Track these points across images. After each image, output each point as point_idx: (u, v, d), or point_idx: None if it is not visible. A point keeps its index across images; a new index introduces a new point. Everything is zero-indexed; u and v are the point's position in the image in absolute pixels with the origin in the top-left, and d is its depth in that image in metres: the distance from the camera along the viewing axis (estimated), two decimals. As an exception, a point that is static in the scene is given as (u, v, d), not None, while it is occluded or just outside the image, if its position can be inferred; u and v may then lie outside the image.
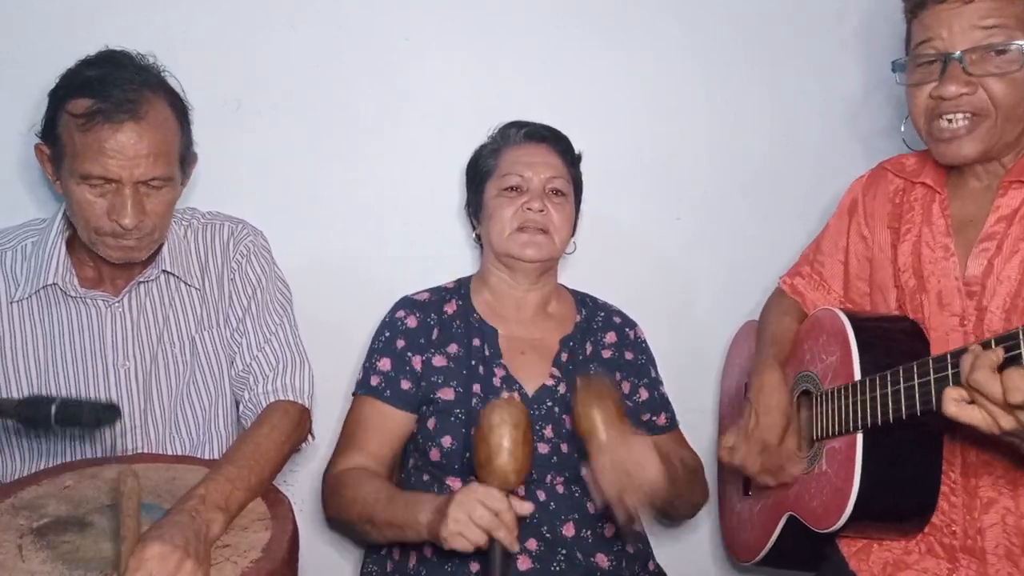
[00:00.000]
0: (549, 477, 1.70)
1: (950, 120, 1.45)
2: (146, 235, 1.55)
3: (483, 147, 1.89)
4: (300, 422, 1.60)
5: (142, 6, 1.83)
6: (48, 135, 1.54)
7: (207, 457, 1.64)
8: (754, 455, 1.61)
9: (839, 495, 1.49)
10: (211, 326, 1.67)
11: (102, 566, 1.23)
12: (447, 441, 1.68)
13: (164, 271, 1.64)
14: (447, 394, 1.72)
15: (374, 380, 1.74)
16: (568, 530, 1.68)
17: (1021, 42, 1.39)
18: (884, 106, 2.09)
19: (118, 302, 1.62)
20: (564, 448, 1.70)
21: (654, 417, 1.86)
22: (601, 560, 1.69)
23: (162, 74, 1.58)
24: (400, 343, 1.76)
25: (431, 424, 1.70)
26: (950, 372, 1.29)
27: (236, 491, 1.37)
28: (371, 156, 1.97)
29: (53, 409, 1.33)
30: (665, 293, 2.12)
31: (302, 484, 1.96)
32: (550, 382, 1.76)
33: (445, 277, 1.92)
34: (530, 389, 1.75)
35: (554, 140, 1.86)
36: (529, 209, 1.76)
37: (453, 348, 1.77)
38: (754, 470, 1.62)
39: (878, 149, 1.97)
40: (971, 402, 1.22)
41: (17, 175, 1.81)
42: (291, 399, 1.62)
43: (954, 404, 1.23)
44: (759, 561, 1.77)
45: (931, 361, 1.33)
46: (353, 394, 1.79)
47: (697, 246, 2.13)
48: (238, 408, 1.69)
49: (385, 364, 1.75)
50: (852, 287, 1.73)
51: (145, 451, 1.61)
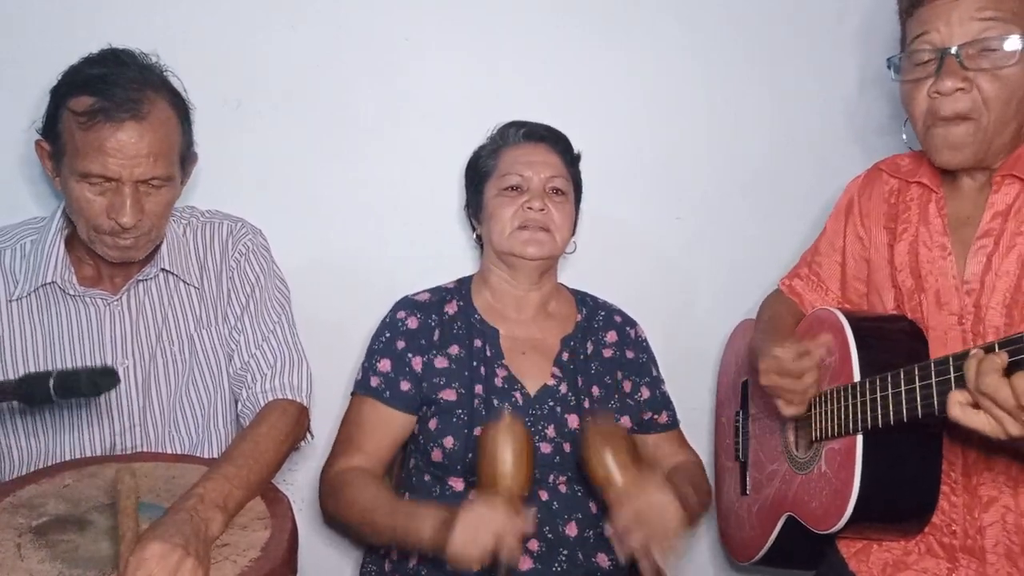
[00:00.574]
0: (552, 477, 1.70)
1: (946, 127, 1.45)
2: (144, 234, 1.55)
3: (482, 148, 1.89)
4: (298, 421, 1.60)
5: (142, 6, 1.83)
6: (49, 132, 1.54)
7: (206, 456, 1.64)
8: (787, 401, 1.57)
9: (839, 497, 1.49)
10: (210, 324, 1.67)
11: (101, 565, 1.23)
12: (449, 442, 1.68)
13: (163, 269, 1.64)
14: (449, 395, 1.71)
15: (374, 381, 1.74)
16: (570, 530, 1.68)
17: (1016, 36, 1.39)
18: (883, 104, 2.09)
19: (117, 300, 1.61)
20: (567, 448, 1.71)
21: (655, 416, 1.86)
22: (602, 560, 1.68)
23: (164, 74, 1.58)
24: (400, 344, 1.76)
25: (433, 425, 1.70)
26: (952, 376, 1.29)
27: (235, 490, 1.37)
28: (371, 156, 1.97)
29: (51, 383, 1.32)
30: (665, 293, 2.12)
31: (301, 483, 1.96)
32: (552, 382, 1.76)
33: (445, 277, 1.92)
34: (532, 389, 1.75)
35: (553, 140, 1.86)
36: (530, 208, 1.76)
37: (454, 349, 1.76)
38: (790, 357, 1.55)
39: (876, 149, 1.97)
40: (976, 406, 1.21)
41: (17, 173, 1.80)
42: (289, 397, 1.62)
43: (959, 408, 1.23)
44: (757, 561, 1.77)
45: (932, 364, 1.33)
46: (352, 394, 1.78)
47: (697, 246, 2.13)
48: (237, 407, 1.68)
49: (385, 365, 1.75)
50: (849, 288, 1.73)
51: (144, 450, 1.61)
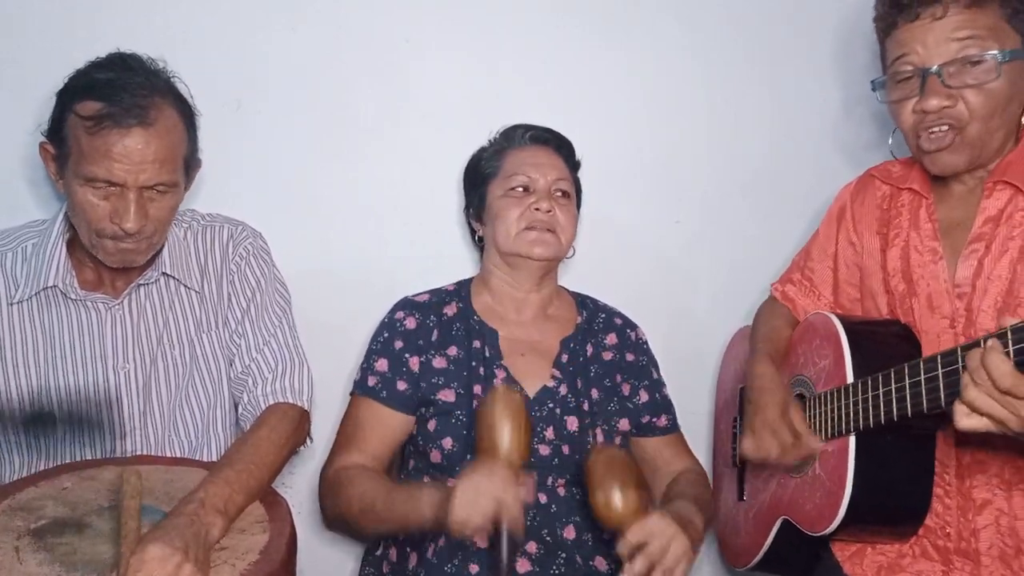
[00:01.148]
0: (550, 479, 1.70)
1: (934, 133, 1.46)
2: (146, 239, 1.55)
3: (483, 149, 1.89)
4: (299, 424, 1.61)
5: (142, 6, 1.83)
6: (54, 135, 1.53)
7: (206, 459, 1.65)
8: (768, 440, 1.57)
9: (832, 498, 1.50)
10: (210, 328, 1.67)
11: (100, 568, 1.23)
12: (448, 443, 1.68)
13: (164, 273, 1.64)
14: (448, 396, 1.72)
15: (371, 381, 1.74)
16: (568, 533, 1.68)
17: (995, 52, 1.40)
18: (884, 105, 2.07)
19: (118, 304, 1.62)
20: (565, 450, 1.71)
21: (654, 419, 1.86)
22: (600, 563, 1.69)
23: (171, 79, 1.58)
24: (398, 344, 1.76)
25: (432, 426, 1.71)
26: (940, 371, 1.30)
27: (235, 495, 1.38)
28: (371, 156, 1.97)
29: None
30: (665, 294, 2.12)
31: (300, 486, 1.96)
32: (551, 383, 1.76)
33: (445, 278, 1.92)
34: (531, 390, 1.74)
35: (558, 144, 1.87)
36: (537, 209, 1.76)
37: (453, 350, 1.77)
38: (776, 454, 1.57)
39: (876, 150, 1.96)
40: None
41: (19, 175, 1.81)
42: (290, 401, 1.62)
43: (965, 418, 1.23)
44: (754, 566, 1.77)
45: (922, 363, 1.35)
46: (351, 394, 1.78)
47: (697, 247, 2.13)
48: (237, 410, 1.69)
49: (382, 365, 1.75)
50: (842, 293, 1.74)
51: (144, 453, 1.61)
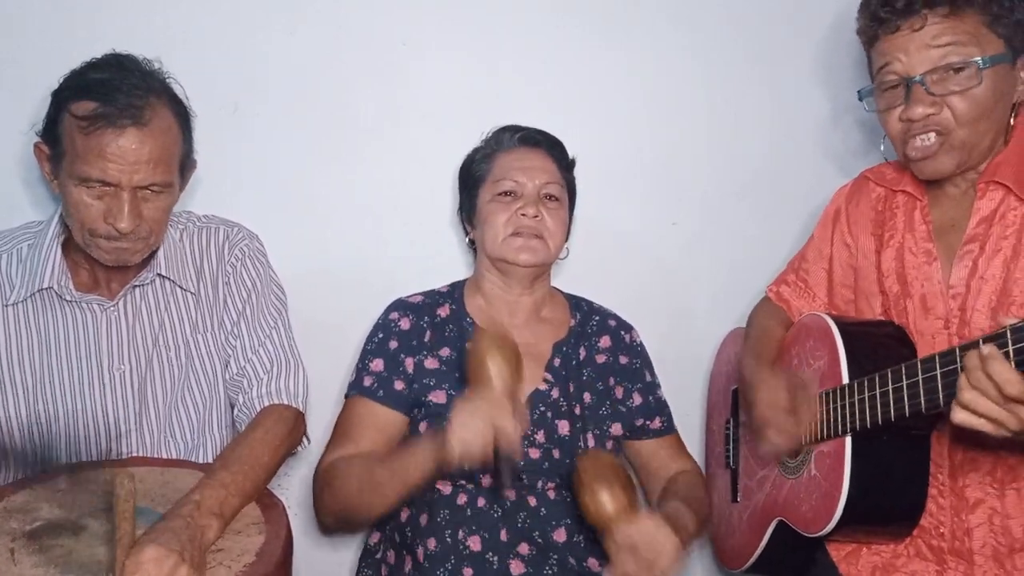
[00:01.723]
0: (540, 483, 1.69)
1: (922, 140, 1.47)
2: (141, 239, 1.55)
3: (476, 151, 1.88)
4: (295, 426, 1.61)
5: (142, 7, 1.83)
6: (49, 135, 1.53)
7: (202, 461, 1.65)
8: (774, 436, 1.57)
9: (828, 499, 1.50)
10: (206, 330, 1.67)
11: (95, 570, 1.24)
12: None
13: (159, 275, 1.64)
14: (439, 397, 1.71)
15: (367, 381, 1.74)
16: (560, 535, 1.68)
17: (977, 58, 1.41)
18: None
19: (113, 306, 1.62)
20: (556, 454, 1.70)
21: (647, 421, 1.85)
22: (593, 565, 1.69)
23: (167, 80, 1.58)
24: (393, 344, 1.76)
25: (423, 427, 1.71)
26: (938, 371, 1.31)
27: (231, 496, 1.38)
28: (370, 157, 1.97)
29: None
30: (663, 295, 2.11)
31: (296, 488, 1.95)
32: (543, 387, 1.76)
33: (444, 278, 1.92)
34: (523, 394, 1.72)
35: (548, 145, 1.85)
36: (523, 215, 1.75)
37: (445, 351, 1.76)
38: (785, 443, 1.57)
39: (876, 150, 1.94)
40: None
41: (15, 176, 1.81)
42: (285, 403, 1.62)
43: (960, 412, 1.24)
44: (749, 567, 1.78)
45: (919, 363, 1.36)
46: (346, 396, 1.78)
47: (696, 248, 2.12)
48: (233, 412, 1.68)
49: (378, 365, 1.75)
50: (837, 294, 1.74)
51: (140, 455, 1.61)
